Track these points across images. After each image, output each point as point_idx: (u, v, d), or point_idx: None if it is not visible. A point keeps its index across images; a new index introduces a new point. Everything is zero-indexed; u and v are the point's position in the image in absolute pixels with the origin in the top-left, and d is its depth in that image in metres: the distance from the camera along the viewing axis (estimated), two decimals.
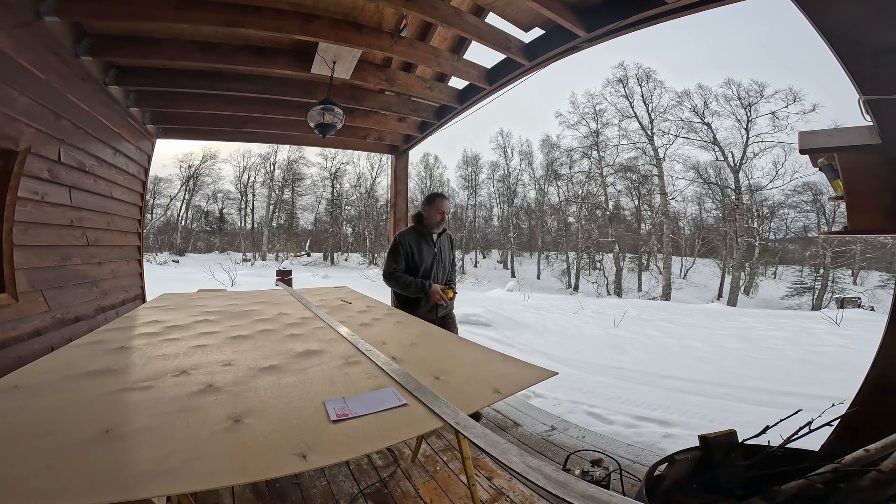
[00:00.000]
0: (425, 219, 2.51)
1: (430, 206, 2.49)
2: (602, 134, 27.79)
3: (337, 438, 0.84)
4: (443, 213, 2.48)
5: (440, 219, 2.48)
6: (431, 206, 2.48)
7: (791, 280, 23.51)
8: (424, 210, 2.53)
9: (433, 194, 2.54)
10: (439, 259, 2.55)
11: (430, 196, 2.53)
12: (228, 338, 1.58)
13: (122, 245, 3.50)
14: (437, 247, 2.55)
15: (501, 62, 2.88)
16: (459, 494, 1.68)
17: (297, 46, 2.69)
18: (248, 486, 1.67)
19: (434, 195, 2.52)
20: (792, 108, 21.44)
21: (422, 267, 2.47)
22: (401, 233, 2.54)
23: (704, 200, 26.39)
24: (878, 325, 1.57)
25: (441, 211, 2.47)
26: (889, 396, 1.42)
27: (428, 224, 2.49)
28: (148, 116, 3.62)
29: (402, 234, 2.52)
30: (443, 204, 2.48)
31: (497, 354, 1.51)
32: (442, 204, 2.48)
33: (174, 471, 0.70)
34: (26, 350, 2.13)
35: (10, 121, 2.01)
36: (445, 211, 2.49)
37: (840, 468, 1.01)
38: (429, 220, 2.50)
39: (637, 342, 7.19)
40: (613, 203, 28.31)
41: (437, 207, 2.47)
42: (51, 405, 0.93)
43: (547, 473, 0.71)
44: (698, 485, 1.21)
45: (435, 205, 2.47)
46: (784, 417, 1.25)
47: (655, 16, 1.95)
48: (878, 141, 1.36)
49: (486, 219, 37.01)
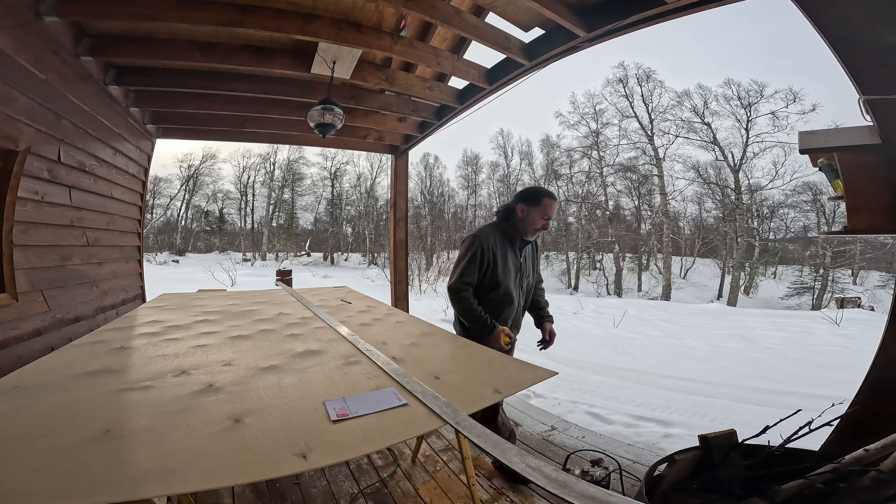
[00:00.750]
0: (520, 220, 1.87)
1: (535, 205, 1.84)
2: (602, 134, 27.80)
3: (337, 438, 0.84)
4: (548, 219, 1.87)
5: (542, 225, 1.86)
6: (537, 205, 1.84)
7: (791, 280, 23.51)
8: (521, 208, 1.87)
9: (539, 190, 1.88)
10: (523, 275, 1.95)
11: (535, 191, 1.88)
12: (228, 338, 1.58)
13: (122, 245, 3.50)
14: (523, 257, 1.95)
15: (501, 62, 2.87)
16: (459, 494, 1.68)
17: (297, 46, 2.69)
18: (248, 486, 1.68)
19: (541, 192, 1.87)
20: (792, 108, 21.47)
21: (502, 285, 1.85)
22: (482, 231, 1.88)
23: (704, 200, 26.41)
24: (877, 325, 1.57)
25: (547, 216, 1.85)
26: (889, 396, 1.42)
27: (522, 228, 1.88)
28: (148, 116, 3.62)
29: (485, 233, 1.86)
30: (552, 207, 1.85)
31: (497, 354, 1.51)
32: (551, 207, 1.85)
33: (174, 471, 0.70)
34: (26, 350, 2.13)
35: (10, 121, 2.01)
36: (553, 216, 1.89)
37: (840, 468, 1.01)
38: (525, 224, 1.86)
39: (637, 342, 7.19)
40: (613, 203, 28.32)
41: (545, 210, 1.84)
42: (51, 405, 0.93)
43: (547, 473, 0.71)
44: (698, 485, 1.21)
45: (543, 206, 1.84)
46: (784, 417, 1.25)
47: (655, 16, 1.95)
48: (878, 141, 1.36)
49: (486, 219, 36.99)
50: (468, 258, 1.82)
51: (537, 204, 1.85)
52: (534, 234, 1.91)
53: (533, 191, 1.92)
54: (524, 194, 1.91)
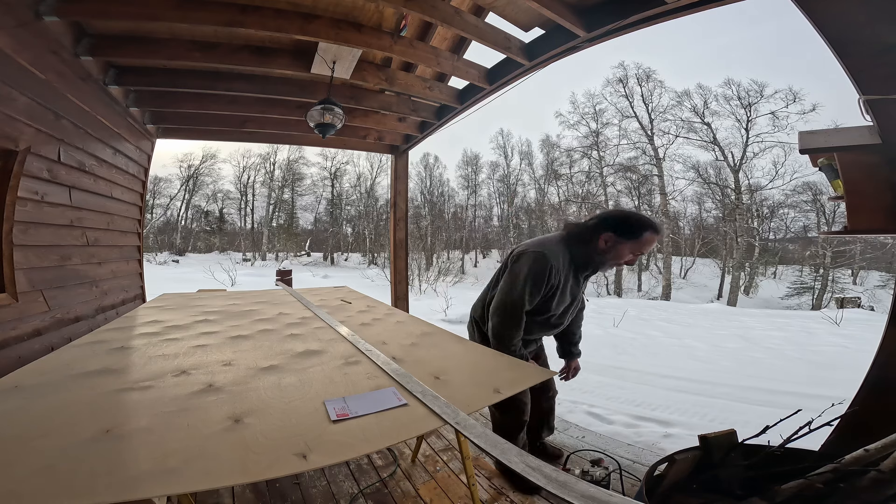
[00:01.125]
0: (601, 251, 1.55)
1: (631, 238, 1.51)
2: (602, 134, 27.84)
3: (337, 438, 0.84)
4: (641, 254, 1.58)
5: (630, 261, 1.56)
6: (633, 239, 1.51)
7: (791, 280, 23.52)
8: (609, 239, 1.53)
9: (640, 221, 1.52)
10: (575, 305, 1.76)
11: (634, 222, 1.52)
12: (228, 338, 1.58)
13: (122, 245, 3.50)
14: (582, 287, 1.74)
15: (501, 62, 2.87)
16: (459, 494, 1.68)
17: (297, 46, 2.69)
18: (248, 486, 1.67)
19: (642, 223, 1.51)
20: (792, 108, 21.50)
21: (551, 313, 1.64)
22: (550, 250, 1.56)
23: (704, 200, 26.43)
24: (877, 325, 1.57)
25: (642, 252, 1.55)
26: (889, 396, 1.42)
27: (599, 260, 1.58)
28: (148, 116, 3.62)
29: (554, 253, 1.56)
30: (652, 242, 1.53)
31: (497, 354, 1.51)
32: (651, 242, 1.52)
33: (174, 471, 0.70)
34: (26, 350, 2.13)
35: (10, 121, 2.01)
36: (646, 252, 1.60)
37: (840, 468, 1.01)
38: (605, 256, 1.56)
39: (637, 342, 7.19)
40: (613, 203, 28.28)
41: (642, 245, 1.52)
42: (51, 405, 0.93)
43: (547, 473, 0.71)
44: (698, 485, 1.21)
45: (642, 241, 1.51)
46: (784, 417, 1.25)
47: (655, 16, 1.95)
48: (878, 141, 1.36)
49: (486, 219, 37.02)
50: (533, 280, 1.53)
51: (634, 238, 1.50)
52: (610, 268, 1.63)
53: (630, 220, 1.53)
54: (617, 221, 1.54)
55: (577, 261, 1.62)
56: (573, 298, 1.70)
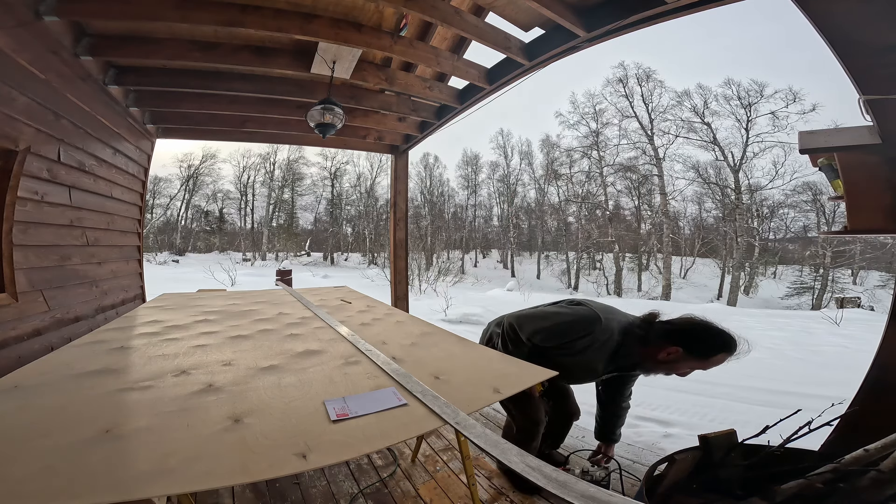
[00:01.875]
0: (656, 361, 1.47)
1: (699, 357, 1.40)
2: (602, 134, 27.85)
3: (337, 438, 0.84)
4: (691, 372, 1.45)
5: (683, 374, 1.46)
6: (701, 359, 1.40)
7: (791, 280, 23.53)
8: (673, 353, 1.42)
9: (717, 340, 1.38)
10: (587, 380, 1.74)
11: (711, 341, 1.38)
12: (228, 338, 1.58)
13: (122, 245, 3.50)
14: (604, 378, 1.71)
15: (501, 62, 2.87)
16: (459, 494, 1.68)
17: (297, 46, 2.69)
18: (248, 486, 1.67)
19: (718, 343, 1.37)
20: (792, 107, 21.52)
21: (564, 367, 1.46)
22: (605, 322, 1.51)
23: (704, 200, 26.45)
24: (877, 325, 1.57)
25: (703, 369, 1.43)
26: (889, 396, 1.42)
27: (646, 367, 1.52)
28: (147, 116, 3.62)
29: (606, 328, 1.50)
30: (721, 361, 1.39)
31: (497, 354, 1.51)
32: (719, 362, 1.39)
33: (174, 471, 0.70)
34: (26, 350, 2.13)
35: (10, 120, 2.01)
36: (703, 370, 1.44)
37: (840, 468, 1.01)
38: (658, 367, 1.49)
39: None
40: (613, 203, 28.34)
41: (707, 365, 1.41)
42: (51, 405, 0.93)
43: (547, 473, 0.71)
44: (698, 484, 1.21)
45: (710, 361, 1.39)
46: (784, 417, 1.25)
47: (655, 16, 1.95)
48: (878, 141, 1.36)
49: (486, 219, 37.05)
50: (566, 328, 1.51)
51: (703, 357, 1.39)
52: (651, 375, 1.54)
53: (709, 338, 1.39)
54: (693, 337, 1.41)
55: (621, 352, 1.53)
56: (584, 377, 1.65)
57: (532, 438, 1.70)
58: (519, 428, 1.72)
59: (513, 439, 1.73)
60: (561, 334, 1.54)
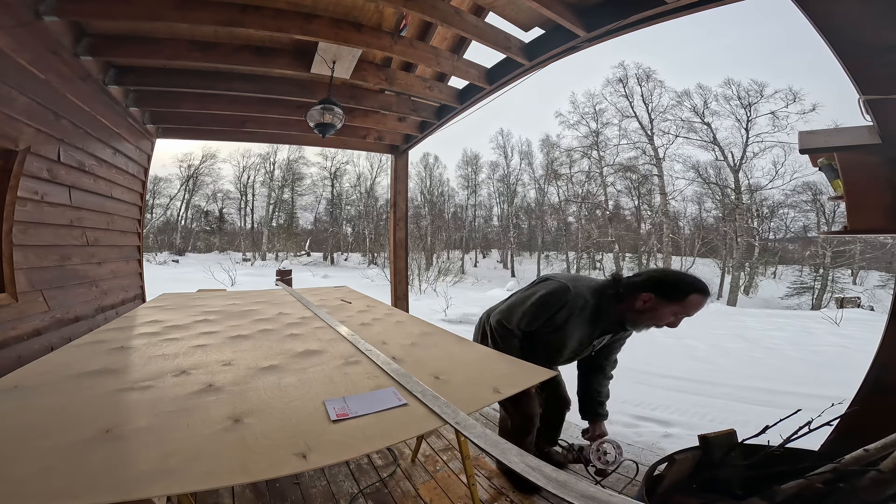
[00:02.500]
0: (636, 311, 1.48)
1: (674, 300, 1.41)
2: (602, 134, 27.85)
3: (337, 438, 0.84)
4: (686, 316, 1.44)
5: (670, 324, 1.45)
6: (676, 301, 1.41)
7: (791, 280, 23.52)
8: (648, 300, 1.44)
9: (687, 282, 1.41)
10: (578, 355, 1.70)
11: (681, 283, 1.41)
12: (228, 338, 1.58)
13: (122, 245, 3.50)
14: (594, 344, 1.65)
15: (501, 62, 2.87)
16: (459, 494, 1.68)
17: (297, 46, 2.69)
18: (248, 486, 1.67)
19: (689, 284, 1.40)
20: (792, 107, 21.53)
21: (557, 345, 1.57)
22: (578, 290, 1.52)
23: (704, 200, 26.43)
24: (877, 325, 1.57)
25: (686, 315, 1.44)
26: (889, 396, 1.42)
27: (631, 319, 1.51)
28: (147, 116, 3.62)
29: (580, 295, 1.51)
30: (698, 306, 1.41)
31: (497, 354, 1.51)
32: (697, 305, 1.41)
33: (174, 471, 0.70)
34: (26, 350, 2.13)
35: (10, 120, 2.01)
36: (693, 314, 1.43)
37: (840, 468, 1.01)
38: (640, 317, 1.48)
39: (637, 342, 7.19)
40: (613, 203, 28.34)
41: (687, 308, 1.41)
42: (51, 405, 0.93)
43: (547, 473, 0.71)
44: (698, 484, 1.21)
45: (686, 304, 1.40)
46: (784, 417, 1.25)
47: (655, 16, 1.95)
48: (878, 141, 1.36)
49: (486, 219, 37.04)
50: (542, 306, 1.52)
51: (677, 300, 1.40)
52: (648, 329, 1.50)
53: (677, 281, 1.42)
54: (661, 282, 1.44)
55: (599, 312, 1.53)
56: (579, 348, 1.61)
57: (528, 433, 1.71)
58: (515, 424, 1.73)
59: (508, 434, 1.75)
60: (541, 312, 1.55)
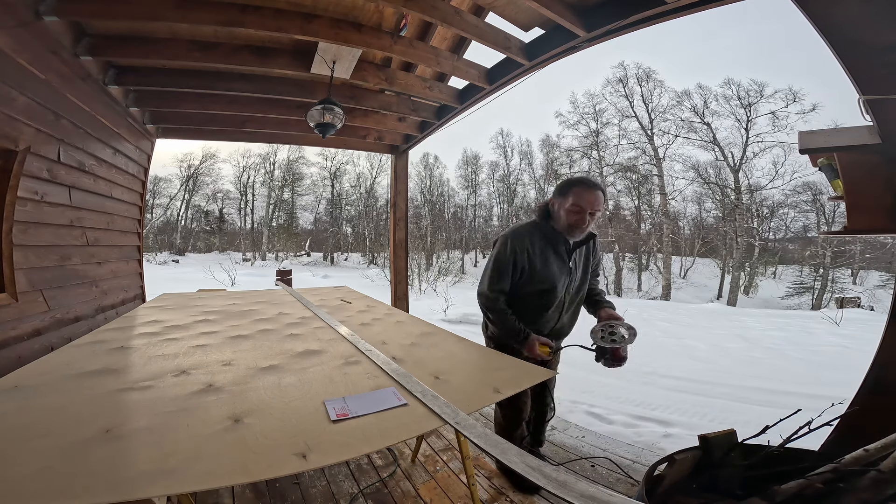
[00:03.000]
0: (554, 218, 1.62)
1: (562, 196, 1.57)
2: (602, 134, 27.85)
3: (337, 438, 0.84)
4: (581, 212, 1.52)
5: (577, 221, 1.54)
6: (563, 196, 1.56)
7: (791, 280, 23.53)
8: (553, 203, 1.62)
9: (571, 179, 1.58)
10: (572, 280, 1.67)
11: (567, 181, 1.60)
12: (228, 338, 1.58)
13: (122, 245, 3.50)
14: (572, 260, 1.66)
15: (501, 62, 2.87)
16: (459, 494, 1.68)
17: (297, 46, 2.69)
18: (248, 486, 1.67)
19: (572, 180, 1.58)
20: (792, 107, 21.54)
21: (540, 286, 1.61)
22: (516, 231, 1.65)
23: (704, 200, 26.45)
24: (877, 325, 1.57)
25: (579, 207, 1.52)
26: (889, 396, 1.42)
27: (561, 226, 1.60)
28: (147, 116, 3.62)
29: (519, 233, 1.63)
30: (582, 196, 1.52)
31: (497, 354, 1.51)
32: (581, 196, 1.52)
33: (174, 471, 0.70)
34: (26, 350, 2.13)
35: (10, 120, 2.01)
36: (588, 209, 1.52)
37: (840, 468, 1.01)
38: (558, 218, 1.59)
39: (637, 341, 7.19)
40: (613, 203, 28.30)
41: (576, 200, 1.52)
42: (51, 405, 0.93)
43: (547, 473, 0.71)
44: (698, 484, 1.21)
45: (571, 195, 1.54)
46: (784, 417, 1.25)
47: (655, 16, 1.95)
48: (878, 141, 1.36)
49: (486, 219, 37.02)
50: (499, 262, 1.61)
51: (564, 194, 1.56)
52: (575, 233, 1.58)
53: (566, 181, 1.60)
54: (557, 187, 1.63)
55: (547, 235, 1.64)
56: (566, 273, 1.64)
57: (517, 426, 1.77)
58: (505, 416, 1.77)
59: (498, 424, 1.81)
60: (502, 266, 1.62)
